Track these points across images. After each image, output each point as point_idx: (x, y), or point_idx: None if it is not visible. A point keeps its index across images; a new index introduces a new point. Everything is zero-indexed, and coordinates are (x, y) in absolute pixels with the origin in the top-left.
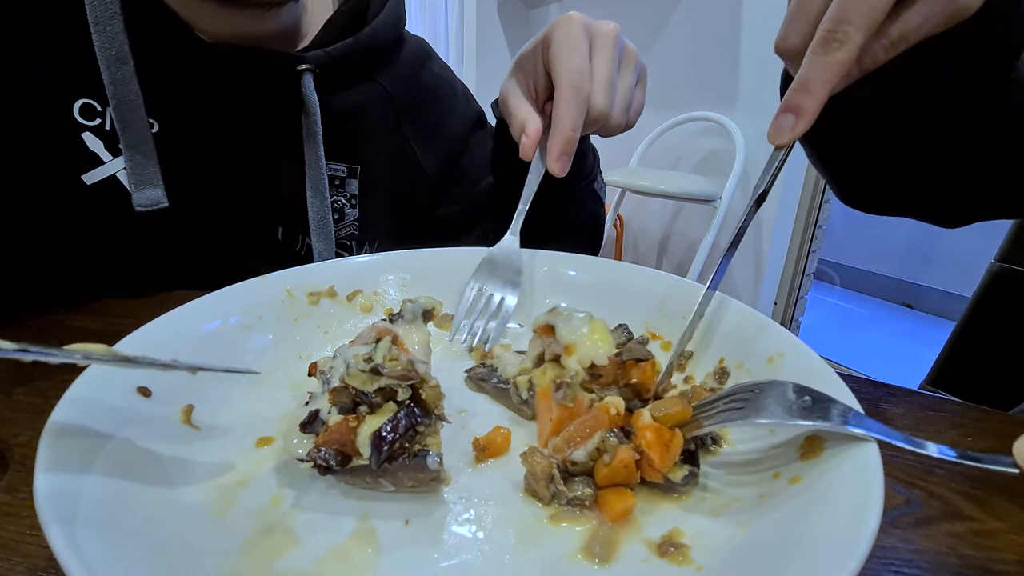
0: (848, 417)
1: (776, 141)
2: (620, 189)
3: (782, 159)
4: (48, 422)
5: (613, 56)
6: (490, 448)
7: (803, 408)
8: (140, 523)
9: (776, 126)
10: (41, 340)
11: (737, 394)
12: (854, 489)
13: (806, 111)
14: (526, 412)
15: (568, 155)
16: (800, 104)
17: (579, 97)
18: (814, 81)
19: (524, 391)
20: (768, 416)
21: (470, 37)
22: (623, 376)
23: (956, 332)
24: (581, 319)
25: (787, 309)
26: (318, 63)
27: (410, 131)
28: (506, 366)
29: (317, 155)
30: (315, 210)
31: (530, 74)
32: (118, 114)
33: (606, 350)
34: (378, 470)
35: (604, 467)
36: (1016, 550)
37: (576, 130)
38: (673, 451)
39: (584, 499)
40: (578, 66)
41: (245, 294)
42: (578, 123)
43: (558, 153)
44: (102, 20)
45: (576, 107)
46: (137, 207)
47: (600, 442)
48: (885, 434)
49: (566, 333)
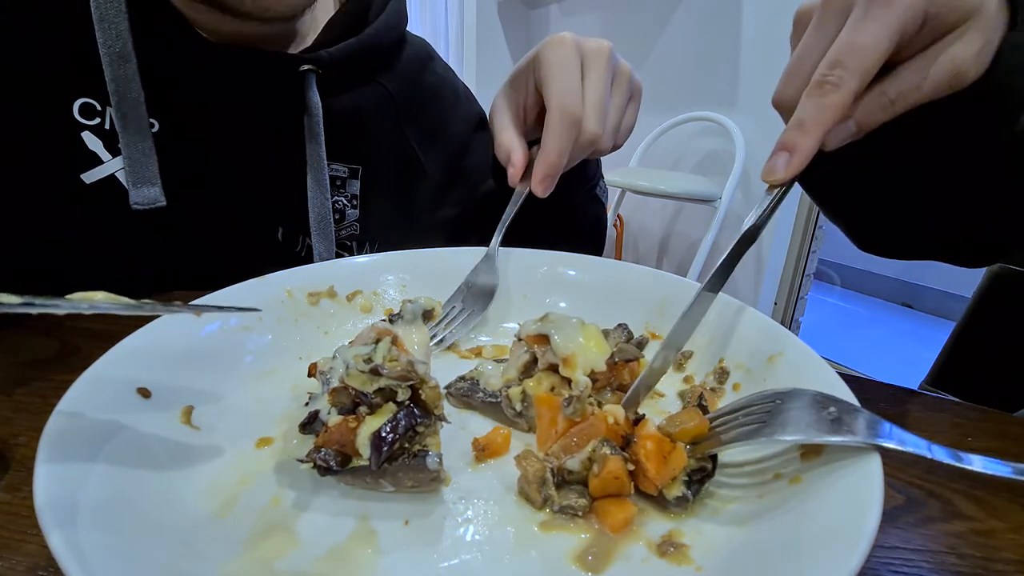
0: (878, 429)
1: (770, 179)
2: (620, 189)
3: (776, 198)
4: (48, 422)
5: (606, 77)
6: (490, 448)
7: (830, 421)
8: (140, 524)
9: (770, 165)
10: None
11: (756, 405)
12: (854, 489)
13: (801, 150)
14: (522, 425)
15: (551, 178)
16: (795, 143)
17: (569, 122)
18: (808, 121)
19: (517, 403)
20: (793, 432)
21: (470, 37)
22: (615, 377)
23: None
24: (574, 326)
25: (787, 309)
26: (320, 64)
27: (412, 132)
28: (488, 378)
29: (319, 156)
30: (316, 211)
31: (521, 91)
32: (119, 112)
33: (603, 356)
34: (378, 470)
35: (595, 477)
36: (1015, 549)
37: (561, 156)
38: (672, 465)
39: (577, 508)
40: (569, 89)
41: (245, 294)
42: (565, 149)
43: (542, 176)
44: (107, 17)
45: (565, 133)
46: (134, 205)
47: (592, 451)
48: (925, 448)
49: (562, 343)
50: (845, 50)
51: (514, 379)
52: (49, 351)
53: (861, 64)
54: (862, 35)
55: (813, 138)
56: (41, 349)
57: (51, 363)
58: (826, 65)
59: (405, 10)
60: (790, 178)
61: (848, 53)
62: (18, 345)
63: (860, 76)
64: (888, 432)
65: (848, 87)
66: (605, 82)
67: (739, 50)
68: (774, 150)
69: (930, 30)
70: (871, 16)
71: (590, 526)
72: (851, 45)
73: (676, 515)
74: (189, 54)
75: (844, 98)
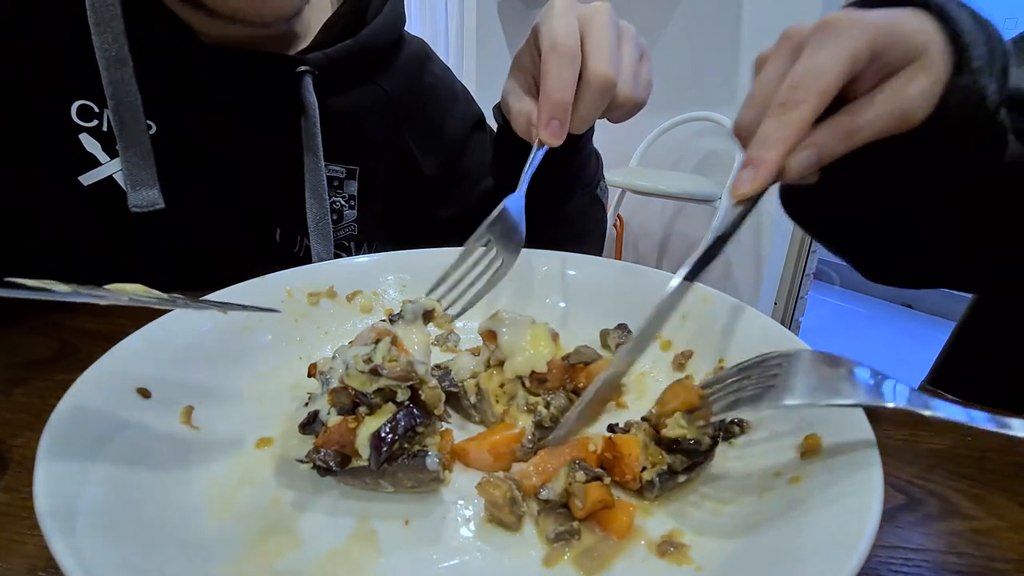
0: (899, 394)
1: (736, 194)
2: (620, 189)
3: (742, 213)
4: (48, 423)
5: (609, 26)
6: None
7: (840, 381)
8: (140, 524)
9: (737, 180)
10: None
11: (757, 367)
12: (854, 489)
13: (765, 163)
14: (474, 416)
15: (559, 120)
16: (760, 157)
17: (564, 55)
18: (771, 137)
19: (472, 395)
20: (799, 396)
21: (470, 37)
22: (570, 379)
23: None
24: (523, 325)
25: (787, 309)
26: (318, 65)
27: (409, 132)
28: (459, 368)
29: (316, 157)
30: (314, 212)
31: (527, 69)
32: (116, 115)
33: (546, 357)
34: (377, 471)
35: (580, 510)
36: (1015, 548)
37: (564, 91)
38: (633, 458)
39: (573, 532)
40: (562, 28)
41: (245, 295)
42: (566, 83)
43: (547, 119)
44: (103, 21)
45: (562, 66)
46: (133, 208)
47: (567, 482)
48: (964, 416)
49: (509, 341)
50: (803, 73)
51: (481, 372)
52: (49, 351)
53: (818, 85)
54: (818, 60)
55: (777, 153)
56: (41, 349)
57: (51, 363)
58: (786, 88)
59: (403, 11)
60: (756, 192)
61: (805, 75)
62: (17, 345)
63: (818, 96)
64: (913, 398)
65: (808, 105)
66: (609, 29)
67: (739, 50)
68: (740, 166)
69: (879, 67)
70: (824, 44)
71: (590, 528)
72: (808, 68)
73: (651, 500)
74: (186, 57)
75: (804, 115)
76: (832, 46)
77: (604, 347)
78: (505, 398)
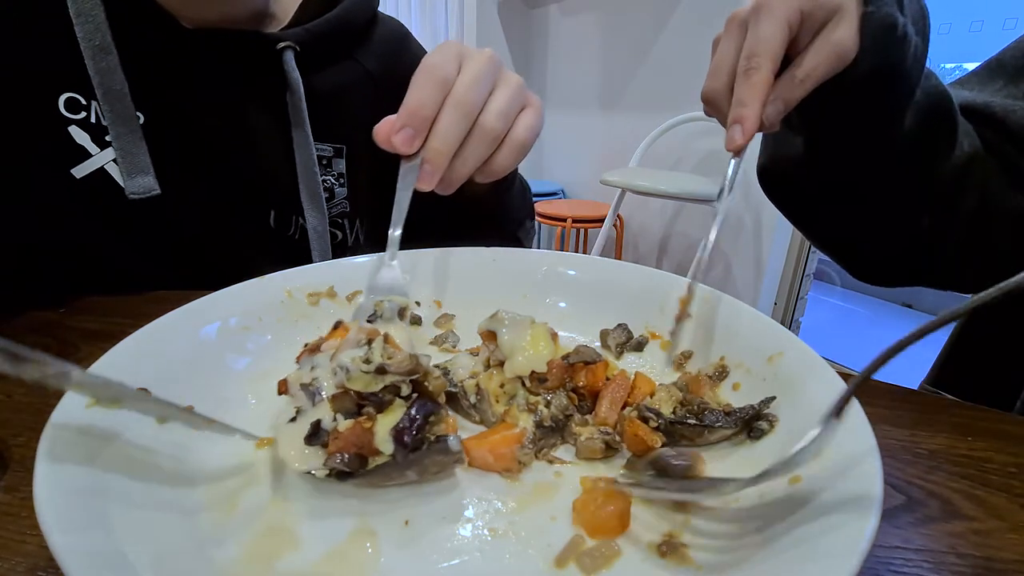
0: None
1: (732, 147)
2: (620, 189)
3: (739, 162)
4: (48, 423)
5: (486, 63)
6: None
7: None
8: (140, 524)
9: (729, 136)
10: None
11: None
12: (854, 489)
13: (747, 118)
14: (473, 416)
15: (411, 129)
16: (742, 115)
17: (431, 74)
18: (746, 97)
19: (472, 395)
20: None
21: (470, 37)
22: (571, 379)
23: (956, 332)
24: (523, 325)
25: (787, 309)
26: (298, 40)
27: (391, 110)
28: (458, 369)
29: (304, 132)
30: (306, 186)
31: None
32: (105, 104)
33: (546, 358)
34: (404, 463)
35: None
36: (1015, 549)
37: (423, 106)
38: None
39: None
40: (439, 57)
41: (245, 295)
42: (426, 100)
43: (400, 124)
44: (84, 11)
45: (425, 83)
46: (130, 195)
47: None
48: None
49: (508, 341)
50: (754, 43)
51: (480, 373)
52: (48, 351)
53: (768, 50)
54: (763, 31)
55: (753, 110)
56: (40, 349)
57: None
58: (744, 58)
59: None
60: (745, 142)
61: (756, 44)
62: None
63: (771, 58)
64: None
65: (766, 67)
66: (486, 66)
67: None
68: (728, 125)
69: (809, 26)
70: (763, 19)
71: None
72: (757, 39)
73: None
74: (169, 41)
75: (764, 75)
76: (769, 18)
77: (604, 347)
78: (505, 398)
